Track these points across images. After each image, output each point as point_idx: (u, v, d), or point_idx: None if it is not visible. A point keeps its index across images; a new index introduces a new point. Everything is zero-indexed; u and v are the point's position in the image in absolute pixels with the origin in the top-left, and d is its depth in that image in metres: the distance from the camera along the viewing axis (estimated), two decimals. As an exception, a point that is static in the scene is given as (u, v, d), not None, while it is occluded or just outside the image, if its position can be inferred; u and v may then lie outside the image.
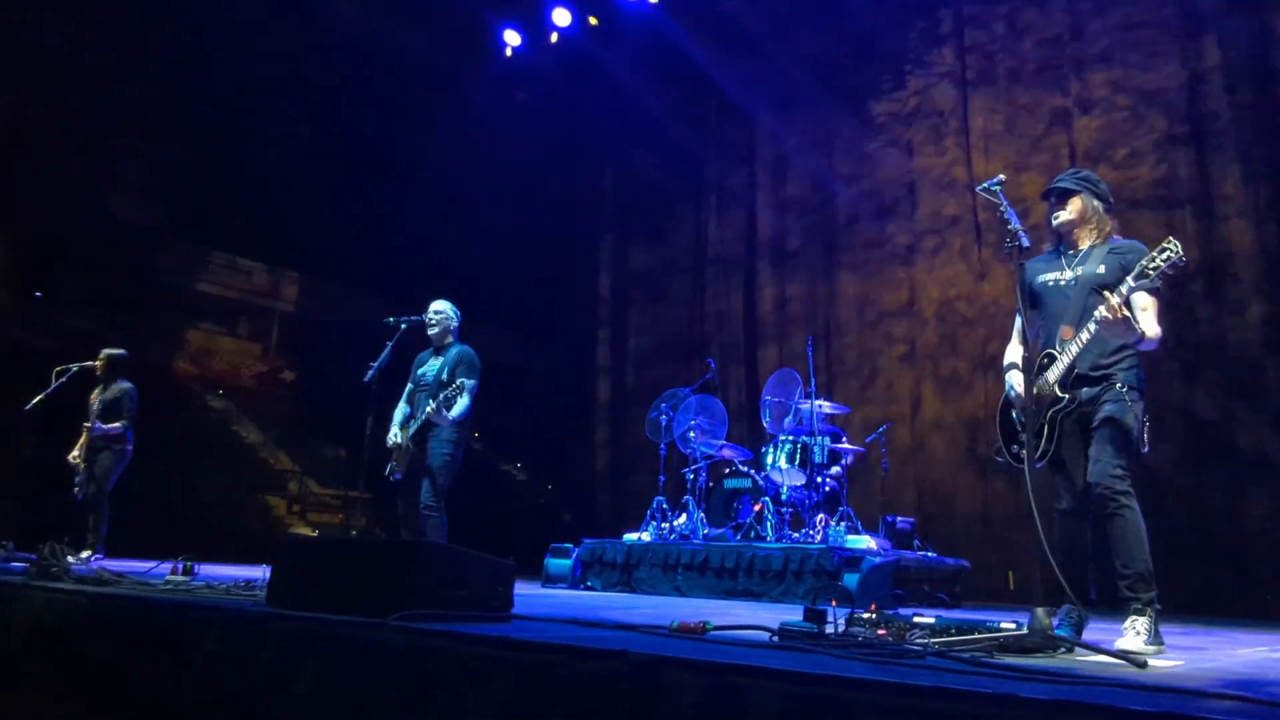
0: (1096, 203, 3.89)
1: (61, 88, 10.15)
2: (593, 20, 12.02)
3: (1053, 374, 3.79)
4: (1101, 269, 3.73)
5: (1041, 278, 3.97)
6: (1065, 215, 3.86)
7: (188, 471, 11.23)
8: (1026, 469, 3.43)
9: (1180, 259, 3.39)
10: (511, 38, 12.46)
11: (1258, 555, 7.15)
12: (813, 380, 7.85)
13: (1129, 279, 3.50)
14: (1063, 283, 3.86)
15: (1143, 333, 3.54)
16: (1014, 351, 4.06)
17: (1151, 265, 3.42)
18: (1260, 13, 7.82)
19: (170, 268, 11.94)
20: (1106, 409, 3.63)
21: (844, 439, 8.07)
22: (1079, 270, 3.78)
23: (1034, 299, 4.00)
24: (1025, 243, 3.54)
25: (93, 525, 7.62)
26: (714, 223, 12.04)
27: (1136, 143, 8.42)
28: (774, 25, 11.14)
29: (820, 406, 7.81)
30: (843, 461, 7.95)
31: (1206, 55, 8.08)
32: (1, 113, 9.51)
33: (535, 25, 12.29)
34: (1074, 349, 3.68)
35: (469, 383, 5.92)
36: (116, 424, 7.73)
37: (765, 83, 11.30)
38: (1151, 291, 3.58)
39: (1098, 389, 3.68)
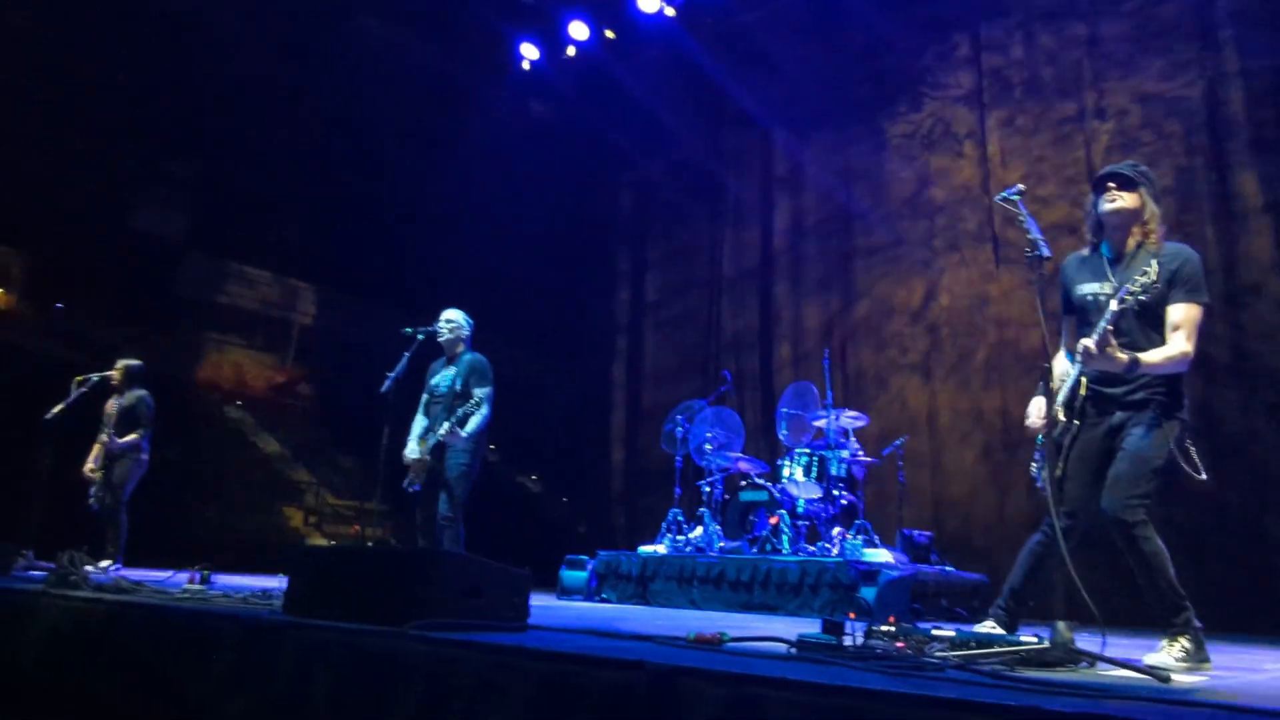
0: (1154, 205, 3.58)
1: (83, 101, 10.27)
2: (610, 34, 12.05)
3: (1062, 395, 3.63)
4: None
5: (1082, 289, 3.66)
6: (1124, 203, 3.53)
7: (205, 482, 11.29)
8: (1048, 487, 3.42)
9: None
10: (529, 51, 12.51)
11: (1282, 571, 7.05)
12: (829, 393, 7.81)
13: (1112, 302, 3.34)
14: (1102, 298, 3.54)
15: (1134, 359, 3.35)
16: (1058, 364, 3.84)
17: (1131, 291, 3.32)
18: (1277, 23, 7.77)
19: (189, 280, 12.05)
20: (1130, 440, 3.44)
21: (859, 453, 8.01)
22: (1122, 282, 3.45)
23: (1076, 309, 3.71)
24: (1046, 252, 3.47)
25: (111, 535, 7.68)
26: (730, 238, 11.99)
27: (1153, 150, 8.35)
28: (790, 42, 11.12)
29: (841, 416, 7.77)
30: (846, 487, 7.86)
31: (1226, 62, 8.03)
32: (23, 126, 9.62)
33: (552, 39, 12.34)
34: (1090, 370, 3.53)
35: (484, 392, 5.93)
36: (133, 435, 7.81)
37: (781, 98, 11.30)
38: (1194, 305, 3.39)
39: (1127, 414, 3.50)
